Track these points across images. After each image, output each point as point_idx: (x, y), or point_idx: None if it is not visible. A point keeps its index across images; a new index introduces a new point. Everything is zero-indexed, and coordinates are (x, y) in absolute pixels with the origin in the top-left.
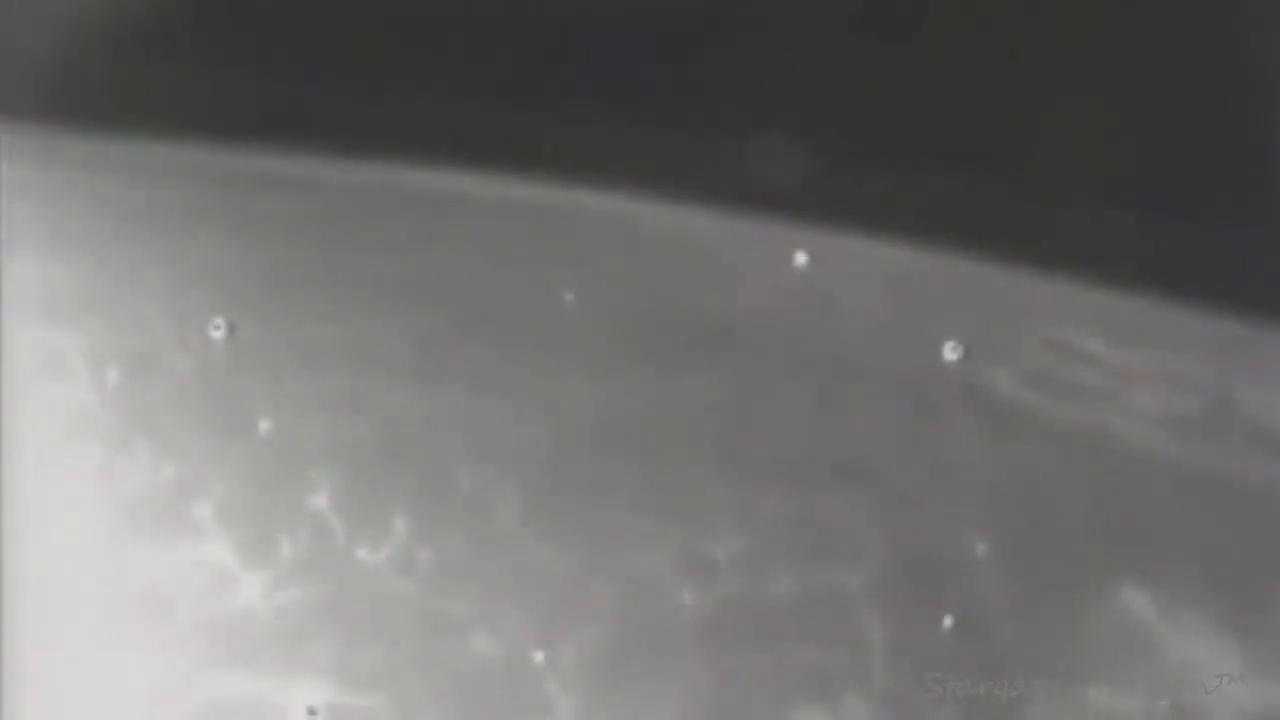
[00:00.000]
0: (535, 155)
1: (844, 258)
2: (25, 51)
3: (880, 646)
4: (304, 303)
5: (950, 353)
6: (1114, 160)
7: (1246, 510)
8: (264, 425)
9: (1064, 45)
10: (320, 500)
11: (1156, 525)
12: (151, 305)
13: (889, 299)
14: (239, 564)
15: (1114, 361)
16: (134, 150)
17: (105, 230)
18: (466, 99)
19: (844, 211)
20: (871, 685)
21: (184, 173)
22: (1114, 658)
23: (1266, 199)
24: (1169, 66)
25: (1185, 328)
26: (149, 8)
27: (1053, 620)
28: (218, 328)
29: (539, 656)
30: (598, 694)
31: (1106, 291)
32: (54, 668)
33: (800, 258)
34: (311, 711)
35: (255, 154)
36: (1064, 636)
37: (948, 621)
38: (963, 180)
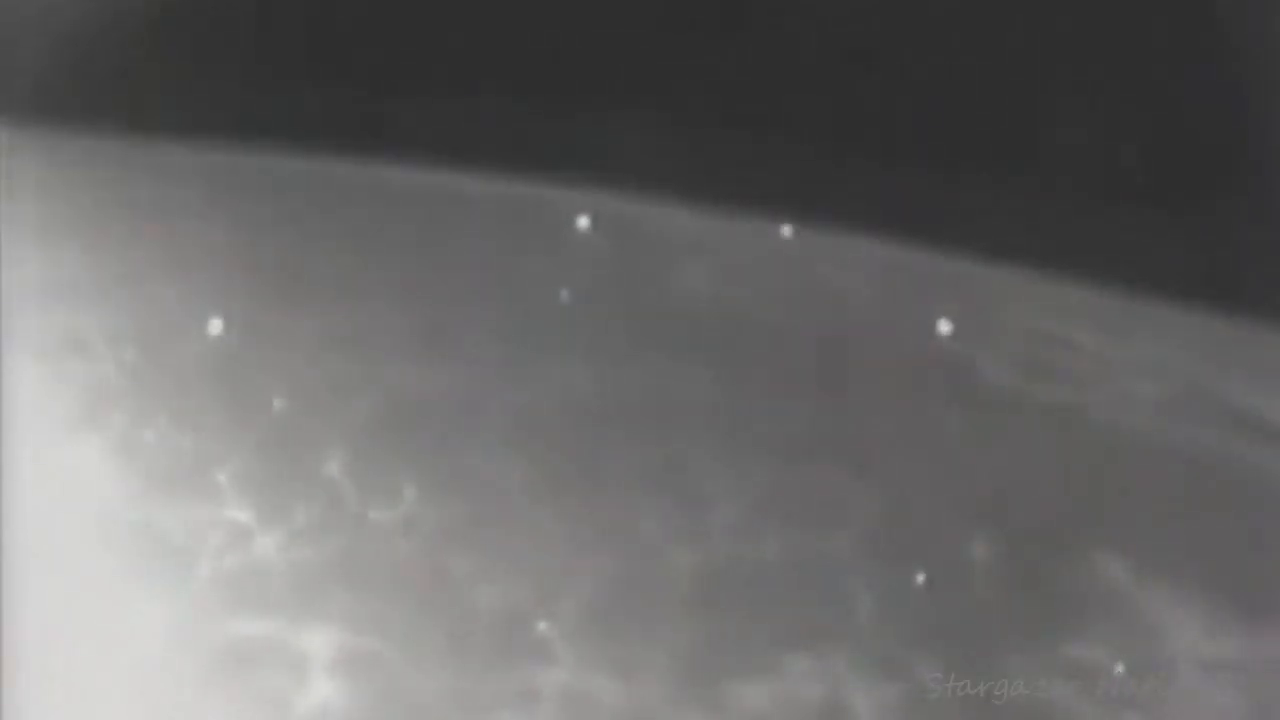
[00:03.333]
0: (534, 154)
1: (836, 248)
2: (26, 52)
3: (864, 605)
4: (308, 294)
5: (939, 337)
6: (1107, 155)
7: (1218, 486)
8: (277, 404)
9: (1060, 38)
10: (332, 470)
11: (1132, 498)
12: (155, 298)
13: (880, 287)
14: (256, 524)
15: (1097, 349)
16: (135, 149)
17: (107, 227)
18: (467, 99)
19: (837, 204)
20: (855, 638)
21: (185, 171)
22: (1088, 616)
23: (1250, 195)
24: (1165, 59)
25: (1168, 319)
26: (149, 8)
27: (1030, 582)
28: (218, 322)
29: (540, 609)
30: (596, 643)
31: (1093, 283)
32: (80, 613)
33: (786, 230)
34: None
35: (255, 153)
36: (1042, 597)
37: (921, 578)
38: (956, 172)
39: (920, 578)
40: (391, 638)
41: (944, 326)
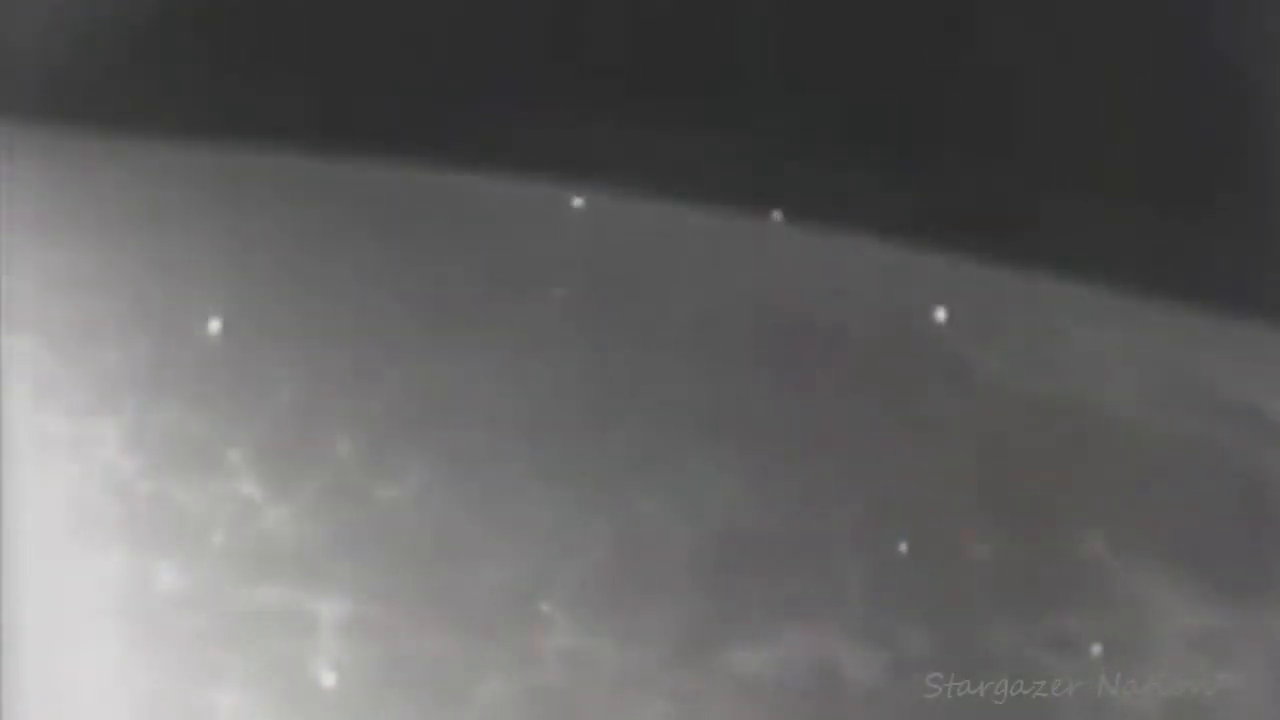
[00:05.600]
0: (531, 152)
1: (832, 240)
2: (27, 51)
3: (856, 580)
4: (310, 290)
5: (934, 328)
6: (1098, 151)
7: (1200, 471)
8: (284, 391)
9: (1059, 37)
10: (341, 450)
11: (1118, 482)
12: (158, 293)
13: (876, 277)
14: (267, 499)
15: (1090, 341)
16: (134, 149)
17: (108, 225)
18: (464, 98)
19: (831, 197)
20: (847, 611)
21: (185, 171)
22: (1072, 591)
23: (1247, 193)
24: (1164, 58)
25: (1161, 312)
26: (150, 8)
27: (1017, 559)
28: (219, 320)
29: (541, 581)
30: (595, 614)
31: (1088, 278)
32: (95, 580)
33: (776, 215)
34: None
35: (256, 153)
36: (1027, 573)
37: (903, 547)
38: (954, 168)
39: (903, 546)
40: (397, 605)
41: (940, 314)
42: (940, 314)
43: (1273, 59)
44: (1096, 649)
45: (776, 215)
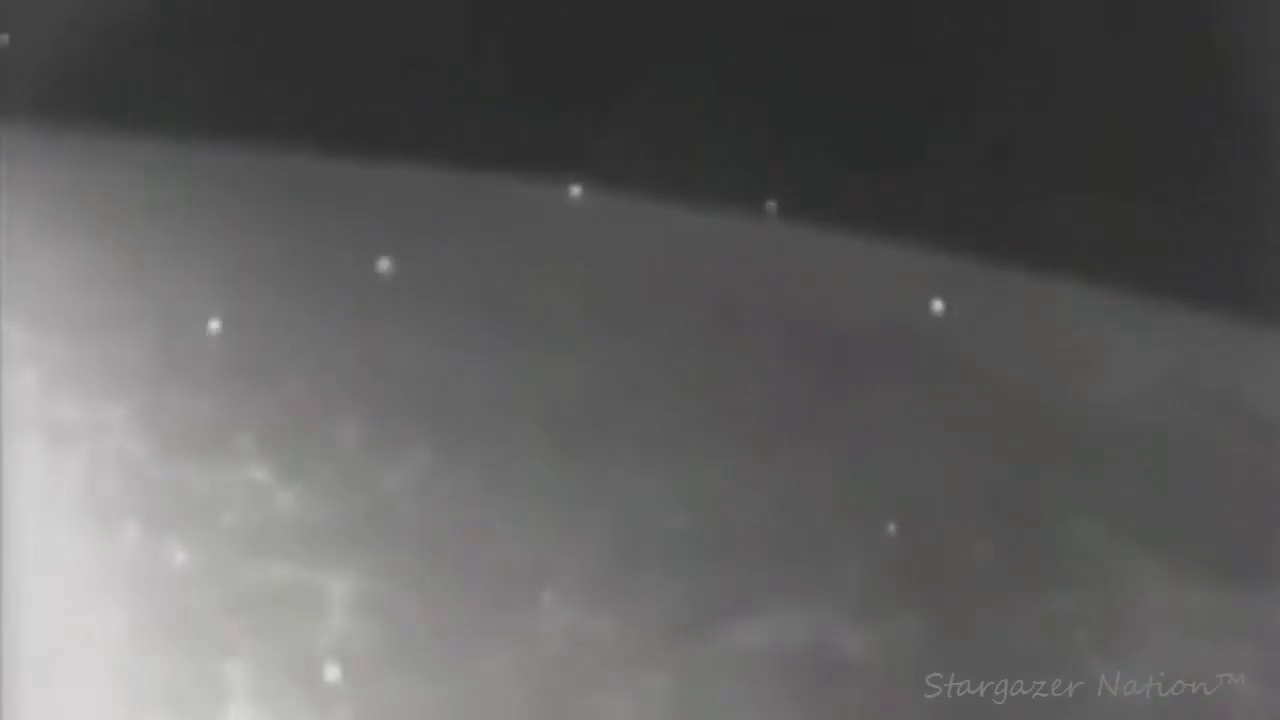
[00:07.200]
0: (529, 151)
1: (828, 237)
2: (27, 51)
3: (852, 563)
4: (310, 286)
5: (931, 321)
6: (1097, 150)
7: (1192, 463)
8: (292, 379)
9: (1058, 37)
10: (347, 436)
11: (1112, 473)
12: (161, 289)
13: (875, 274)
14: (276, 483)
15: (1084, 336)
16: (135, 148)
17: (109, 223)
18: (462, 98)
19: (830, 193)
20: (844, 593)
21: (185, 170)
22: (1064, 574)
23: (1240, 191)
24: (1159, 56)
25: (1154, 309)
26: (149, 10)
27: (1011, 544)
28: (219, 320)
29: (543, 562)
30: (596, 593)
31: (1084, 275)
32: (109, 558)
33: (770, 205)
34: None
35: (255, 153)
36: (1021, 558)
37: (892, 528)
38: (952, 165)
39: (891, 527)
40: (402, 581)
41: (937, 306)
42: (938, 306)
43: (1273, 59)
44: (1092, 637)
45: (771, 205)
